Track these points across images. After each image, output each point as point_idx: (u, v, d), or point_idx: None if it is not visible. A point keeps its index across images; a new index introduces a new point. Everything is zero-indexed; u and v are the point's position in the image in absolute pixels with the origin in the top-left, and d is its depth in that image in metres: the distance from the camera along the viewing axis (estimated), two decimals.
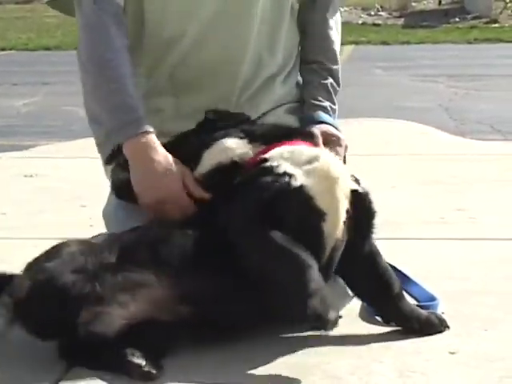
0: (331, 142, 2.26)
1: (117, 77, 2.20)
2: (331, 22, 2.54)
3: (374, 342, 2.00)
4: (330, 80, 2.49)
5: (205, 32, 2.37)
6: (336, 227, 1.96)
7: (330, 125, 2.35)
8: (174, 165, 2.11)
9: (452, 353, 1.95)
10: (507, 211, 3.24)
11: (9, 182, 4.09)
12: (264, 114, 2.46)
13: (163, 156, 2.12)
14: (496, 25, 17.77)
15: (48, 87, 9.86)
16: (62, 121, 7.41)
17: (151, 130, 2.14)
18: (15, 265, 2.47)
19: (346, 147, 2.30)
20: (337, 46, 2.55)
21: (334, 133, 2.32)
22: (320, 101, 2.42)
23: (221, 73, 2.41)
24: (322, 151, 2.08)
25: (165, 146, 2.16)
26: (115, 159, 2.18)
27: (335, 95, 2.49)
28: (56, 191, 3.80)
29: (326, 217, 1.93)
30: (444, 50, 13.91)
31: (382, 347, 1.97)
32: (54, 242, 2.08)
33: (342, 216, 1.97)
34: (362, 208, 2.03)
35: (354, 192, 2.02)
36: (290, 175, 1.93)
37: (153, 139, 2.14)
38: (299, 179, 1.93)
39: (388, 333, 2.04)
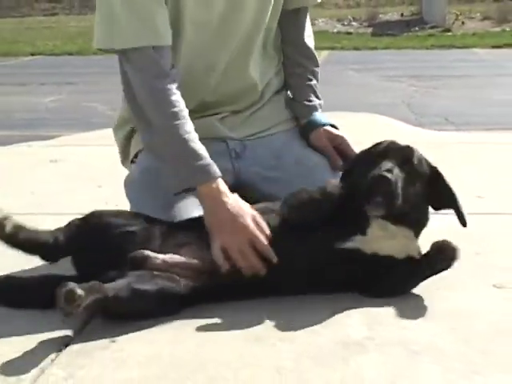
0: (340, 144, 2.33)
1: (182, 132, 2.09)
2: (308, 29, 2.50)
3: (347, 300, 1.99)
4: (314, 81, 2.47)
5: (232, 62, 2.32)
6: None
7: (329, 124, 2.37)
8: (244, 206, 2.02)
9: (412, 308, 1.95)
10: (458, 187, 3.24)
11: (37, 166, 4.09)
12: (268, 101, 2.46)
13: (233, 199, 2.03)
14: (449, 33, 17.85)
15: (71, 86, 9.84)
16: (83, 115, 7.41)
17: (219, 174, 2.05)
18: None
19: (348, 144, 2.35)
20: (314, 50, 2.51)
21: (336, 133, 2.37)
22: (310, 101, 2.41)
23: (244, 92, 2.39)
24: None
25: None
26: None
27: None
28: (76, 174, 3.80)
29: None
30: (406, 54, 13.92)
31: (354, 305, 1.96)
32: (74, 217, 2.06)
33: None
34: None
35: None
36: None
37: (222, 184, 2.04)
38: None
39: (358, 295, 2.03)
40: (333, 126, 2.39)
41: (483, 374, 1.59)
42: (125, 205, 2.32)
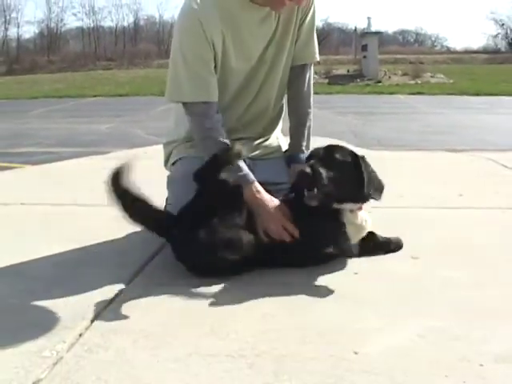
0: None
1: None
2: (311, 79, 2.40)
3: (318, 267, 1.96)
4: (309, 123, 2.39)
5: (260, 91, 2.28)
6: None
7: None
8: (273, 200, 1.99)
9: (356, 273, 1.93)
10: (386, 189, 3.23)
11: (95, 172, 4.05)
12: (270, 136, 2.44)
13: (267, 196, 2.00)
14: (380, 84, 18.07)
15: (120, 118, 9.84)
16: (128, 137, 7.40)
17: (253, 178, 2.01)
18: (98, 222, 2.44)
19: None
20: (311, 96, 2.41)
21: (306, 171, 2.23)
22: (302, 146, 2.34)
23: (264, 114, 2.36)
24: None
25: None
26: None
27: (310, 132, 2.41)
28: None
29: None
30: (351, 98, 13.99)
31: (317, 269, 1.94)
32: None
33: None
34: None
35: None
36: None
37: (258, 186, 2.00)
38: None
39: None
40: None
41: (404, 318, 1.58)
42: (156, 200, 2.28)
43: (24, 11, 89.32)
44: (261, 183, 2.08)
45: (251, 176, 2.03)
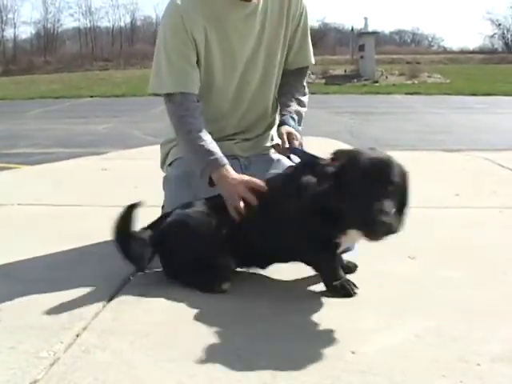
0: (291, 139, 2.13)
1: (198, 141, 2.03)
2: (306, 70, 2.41)
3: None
4: (300, 107, 2.33)
5: (257, 93, 2.28)
6: None
7: (293, 127, 2.19)
8: (241, 177, 1.96)
9: (354, 273, 1.92)
10: None
11: (93, 172, 4.07)
12: (266, 134, 2.42)
13: (233, 176, 1.96)
14: (377, 84, 18.07)
15: (117, 118, 9.83)
16: (124, 138, 7.40)
17: (224, 162, 1.99)
18: (95, 222, 2.43)
19: (301, 143, 2.15)
20: (306, 87, 2.38)
21: (294, 133, 2.15)
22: (289, 106, 2.26)
23: (263, 118, 2.36)
24: None
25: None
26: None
27: (302, 114, 2.32)
28: (119, 179, 3.78)
29: None
30: (348, 97, 14.00)
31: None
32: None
33: None
34: None
35: None
36: None
37: (227, 168, 1.98)
38: None
39: None
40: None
41: (401, 318, 1.58)
42: (153, 200, 2.28)
43: (20, 12, 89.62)
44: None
45: (224, 160, 2.01)
